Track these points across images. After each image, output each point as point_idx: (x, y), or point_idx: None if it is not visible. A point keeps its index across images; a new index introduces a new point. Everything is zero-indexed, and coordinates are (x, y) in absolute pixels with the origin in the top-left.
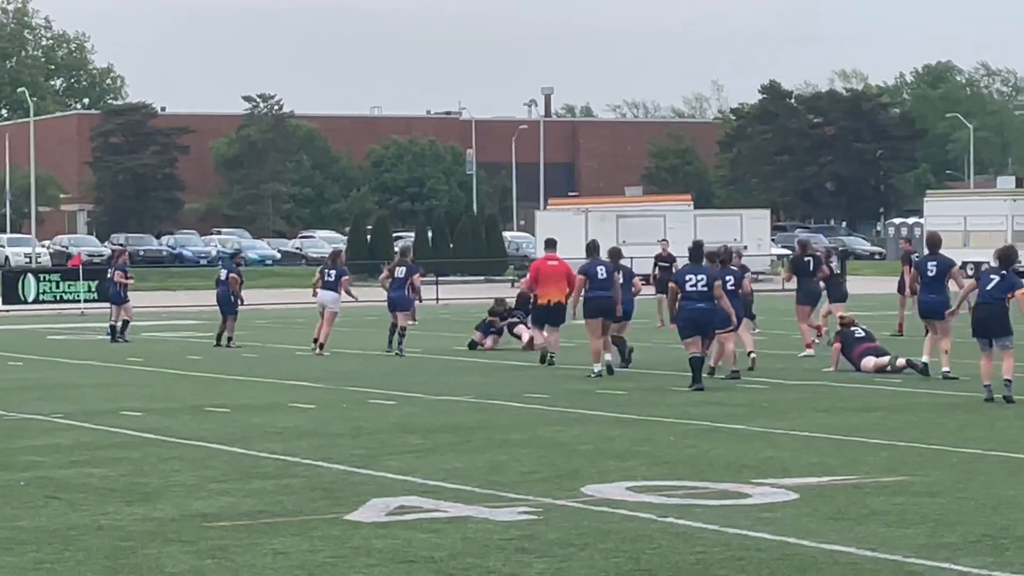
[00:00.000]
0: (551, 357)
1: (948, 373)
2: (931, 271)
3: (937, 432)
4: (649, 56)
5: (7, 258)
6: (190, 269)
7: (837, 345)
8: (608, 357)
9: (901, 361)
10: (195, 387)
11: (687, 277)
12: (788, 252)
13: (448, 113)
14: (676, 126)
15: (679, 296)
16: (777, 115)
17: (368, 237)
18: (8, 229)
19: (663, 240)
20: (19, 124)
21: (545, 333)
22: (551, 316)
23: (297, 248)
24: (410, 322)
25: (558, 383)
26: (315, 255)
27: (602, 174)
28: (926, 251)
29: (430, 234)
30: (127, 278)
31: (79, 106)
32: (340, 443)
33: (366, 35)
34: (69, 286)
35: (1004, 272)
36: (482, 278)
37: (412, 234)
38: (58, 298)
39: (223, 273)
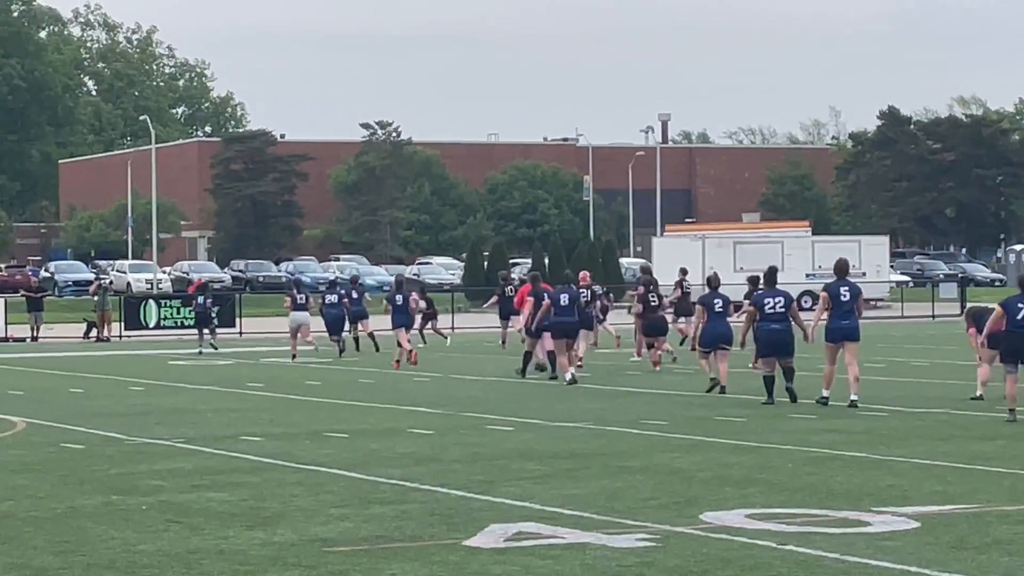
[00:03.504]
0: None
1: (856, 401)
2: (844, 296)
3: None
4: (766, 82)
5: (129, 284)
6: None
7: None
8: (572, 370)
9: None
10: (314, 412)
11: (766, 300)
12: (907, 279)
13: (565, 140)
14: (793, 152)
15: (757, 319)
16: (896, 141)
17: (485, 264)
18: (130, 255)
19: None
20: (141, 151)
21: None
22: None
23: (415, 274)
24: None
25: (675, 409)
26: (432, 281)
27: (719, 200)
28: (835, 277)
29: (547, 260)
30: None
31: (200, 134)
32: (458, 469)
33: (484, 62)
34: (190, 312)
35: None
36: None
37: (529, 261)
38: (179, 324)
39: (334, 297)
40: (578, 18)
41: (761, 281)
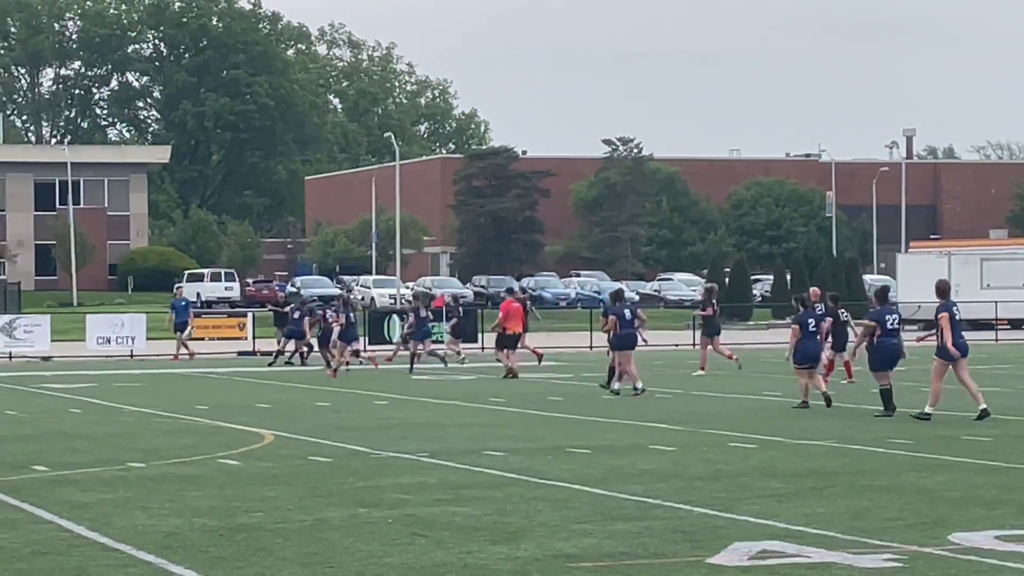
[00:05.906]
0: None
1: (987, 409)
2: (957, 315)
3: None
4: (1014, 96)
5: (373, 299)
6: (549, 311)
7: None
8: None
9: None
10: (556, 428)
11: (886, 316)
12: None
13: (808, 155)
14: None
15: (878, 334)
16: None
17: (726, 280)
18: (374, 271)
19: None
20: (385, 168)
21: (508, 354)
22: (513, 342)
23: (655, 290)
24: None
25: (921, 428)
26: (673, 297)
27: (965, 217)
28: (940, 300)
29: (788, 277)
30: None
31: (443, 151)
32: (700, 486)
33: (725, 78)
34: (432, 327)
35: None
36: None
37: (771, 277)
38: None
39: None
40: (820, 32)
41: (874, 299)
